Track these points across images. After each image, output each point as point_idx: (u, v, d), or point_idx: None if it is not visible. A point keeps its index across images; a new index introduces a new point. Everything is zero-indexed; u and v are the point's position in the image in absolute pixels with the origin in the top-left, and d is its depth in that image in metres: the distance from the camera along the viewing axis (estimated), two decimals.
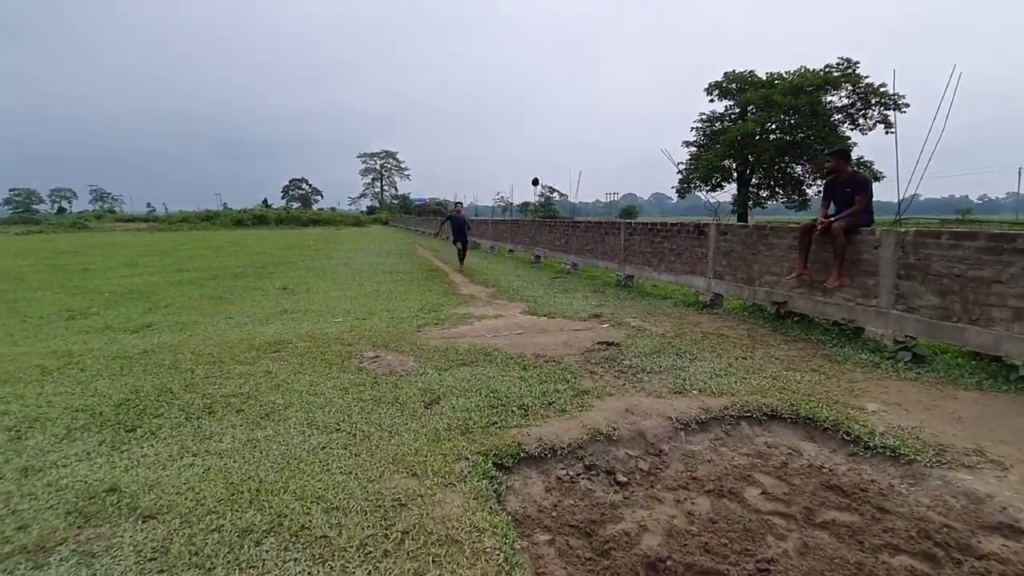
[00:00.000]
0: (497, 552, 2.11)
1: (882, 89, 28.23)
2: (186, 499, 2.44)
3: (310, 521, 2.27)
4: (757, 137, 30.61)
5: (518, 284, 10.10)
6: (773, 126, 30.76)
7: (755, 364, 4.59)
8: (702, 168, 32.89)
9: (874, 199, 5.64)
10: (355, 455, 2.93)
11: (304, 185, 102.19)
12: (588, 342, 5.43)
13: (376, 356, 4.89)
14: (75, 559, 2.01)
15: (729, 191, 34.64)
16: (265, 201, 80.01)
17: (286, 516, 2.30)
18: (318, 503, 2.42)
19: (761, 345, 5.27)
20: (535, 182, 27.50)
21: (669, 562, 2.20)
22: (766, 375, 4.28)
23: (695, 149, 34.68)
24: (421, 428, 3.29)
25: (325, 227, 51.11)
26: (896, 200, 7.68)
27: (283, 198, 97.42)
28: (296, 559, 2.04)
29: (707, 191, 34.37)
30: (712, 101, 34.10)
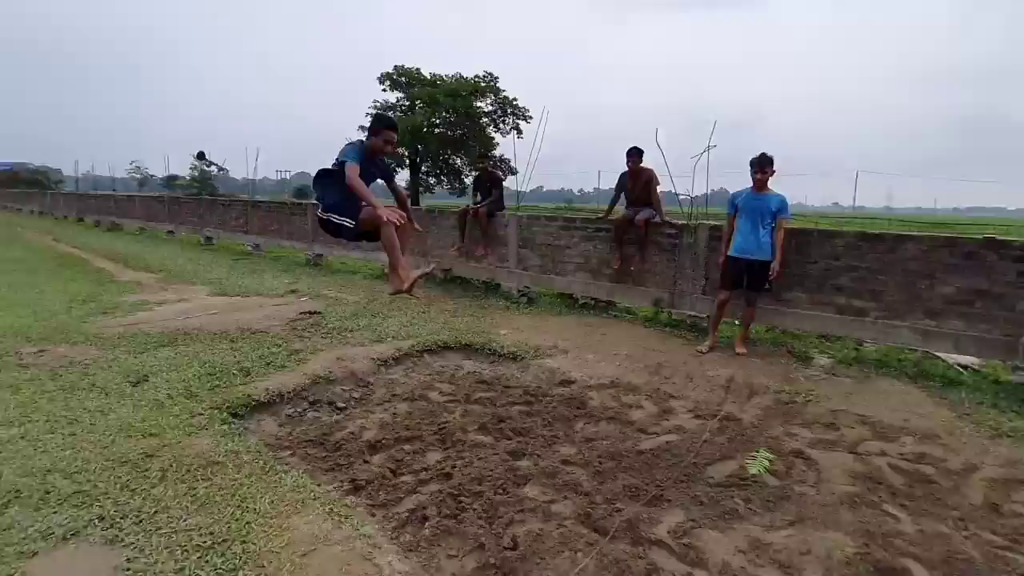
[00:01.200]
0: (256, 461, 2.73)
1: (515, 101, 35.26)
2: None
3: (53, 485, 2.39)
4: (424, 130, 34.05)
5: (192, 267, 9.36)
6: (437, 121, 34.71)
7: (431, 316, 6.02)
8: None
9: (512, 189, 7.85)
10: (70, 435, 2.92)
11: None
12: (291, 313, 5.92)
13: (41, 351, 4.30)
14: None
15: (403, 176, 37.54)
16: None
17: (20, 490, 2.34)
18: (52, 473, 2.50)
19: (435, 303, 6.78)
20: (200, 156, 24.00)
21: (383, 440, 3.22)
22: (439, 322, 5.72)
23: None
24: (139, 402, 3.40)
25: None
26: (526, 190, 10.35)
27: None
28: (55, 511, 2.21)
29: None
30: (385, 91, 36.02)
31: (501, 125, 36.04)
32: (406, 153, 35.67)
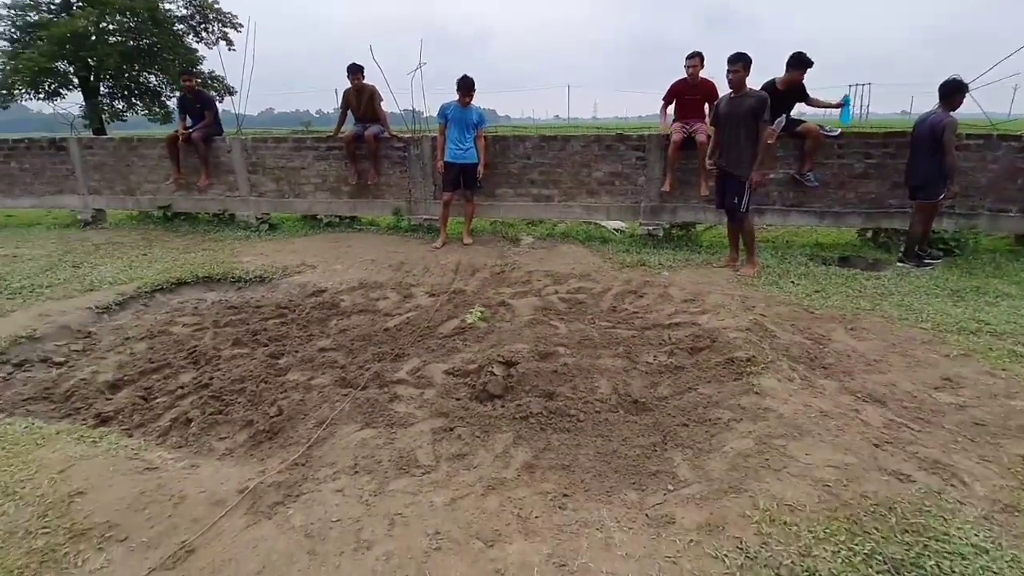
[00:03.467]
0: None
1: (216, 6, 29.64)
2: None
3: None
4: (94, 37, 26.52)
5: None
6: (113, 27, 27.27)
7: (156, 256, 5.49)
8: (25, 71, 25.91)
9: (229, 112, 7.18)
10: None
11: None
12: None
13: None
14: None
15: (74, 100, 29.13)
16: None
17: None
18: None
19: (158, 243, 6.12)
20: None
21: (126, 377, 3.16)
22: (167, 261, 5.30)
23: (7, 44, 26.56)
24: None
25: None
26: (250, 112, 9.39)
27: None
28: None
29: (40, 100, 27.66)
30: None
31: (204, 34, 30.30)
32: (71, 70, 27.63)
